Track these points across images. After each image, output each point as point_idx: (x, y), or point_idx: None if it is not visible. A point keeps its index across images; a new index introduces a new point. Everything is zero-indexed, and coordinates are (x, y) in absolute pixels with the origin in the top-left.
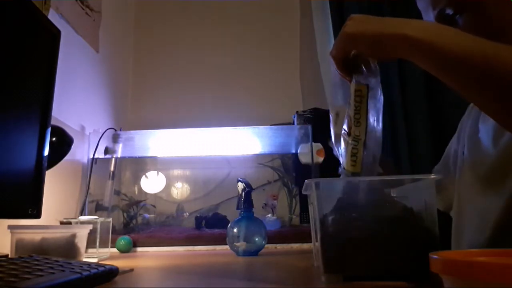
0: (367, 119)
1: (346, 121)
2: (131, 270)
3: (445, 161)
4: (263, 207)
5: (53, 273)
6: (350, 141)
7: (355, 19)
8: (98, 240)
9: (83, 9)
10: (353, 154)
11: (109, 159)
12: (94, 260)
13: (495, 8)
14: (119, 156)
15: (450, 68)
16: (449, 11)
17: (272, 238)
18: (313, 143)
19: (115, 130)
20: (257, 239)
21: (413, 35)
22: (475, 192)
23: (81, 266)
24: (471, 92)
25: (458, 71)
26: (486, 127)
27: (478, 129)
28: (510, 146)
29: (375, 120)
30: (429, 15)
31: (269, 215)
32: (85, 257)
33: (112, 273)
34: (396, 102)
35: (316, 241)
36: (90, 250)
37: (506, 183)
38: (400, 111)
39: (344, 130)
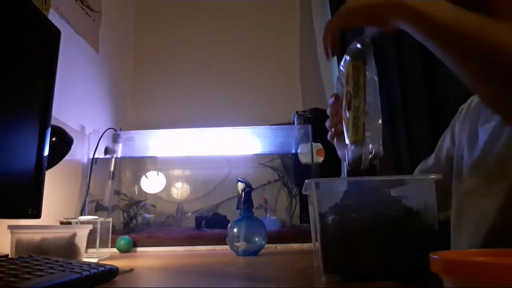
0: (365, 89)
1: (344, 104)
2: (131, 270)
3: (438, 161)
4: (257, 208)
5: (53, 273)
6: (350, 113)
7: None
8: (98, 240)
9: (83, 9)
10: (354, 124)
11: (109, 159)
12: (94, 260)
13: (503, 8)
14: (119, 156)
15: (443, 39)
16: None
17: (272, 238)
18: (313, 143)
19: (115, 130)
20: (257, 239)
21: (408, 2)
22: (476, 196)
23: (81, 266)
24: (463, 68)
25: (451, 43)
26: (485, 130)
27: (477, 133)
28: (507, 147)
29: (373, 91)
30: None
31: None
32: (85, 257)
33: (112, 273)
34: (396, 102)
35: (316, 241)
36: (90, 250)
37: (500, 185)
38: (400, 111)
39: (345, 110)
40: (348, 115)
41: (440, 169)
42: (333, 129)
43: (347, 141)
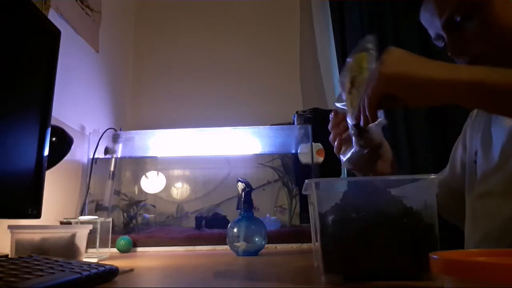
0: (368, 69)
1: (347, 88)
2: (131, 270)
3: (453, 170)
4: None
5: (53, 273)
6: (355, 89)
7: (393, 55)
8: (98, 240)
9: (83, 9)
10: (360, 96)
11: (109, 159)
12: (94, 260)
13: (501, 11)
14: (119, 156)
15: (504, 101)
16: (457, 17)
17: (272, 238)
18: (313, 143)
19: (115, 130)
20: (257, 239)
21: (464, 79)
22: (493, 199)
23: (81, 266)
24: None
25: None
26: (500, 135)
27: (491, 137)
28: None
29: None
30: (434, 25)
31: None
32: (85, 257)
33: (112, 273)
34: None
35: (316, 241)
36: (90, 250)
37: None
38: (400, 112)
39: (349, 92)
40: (352, 93)
41: (456, 178)
42: (337, 140)
43: (351, 117)
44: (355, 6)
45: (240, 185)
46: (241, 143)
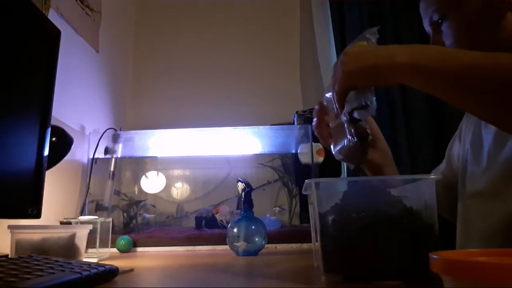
0: None
1: None
2: (131, 270)
3: (449, 166)
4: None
5: (53, 273)
6: None
7: (349, 55)
8: (98, 240)
9: (83, 9)
10: None
11: (109, 159)
12: (94, 260)
13: (474, 14)
14: (119, 156)
15: (447, 84)
16: (435, 18)
17: (272, 238)
18: (313, 143)
19: (115, 130)
20: (257, 239)
21: (400, 61)
22: (482, 200)
23: (81, 266)
24: (467, 101)
25: (451, 83)
26: (488, 135)
27: (481, 137)
28: None
29: None
30: (426, 25)
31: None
32: (85, 257)
33: (112, 273)
34: (396, 104)
35: (316, 241)
36: (90, 250)
37: (510, 190)
38: (401, 113)
39: None
40: None
41: (455, 173)
42: (322, 126)
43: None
44: (355, 6)
45: (240, 185)
46: (241, 143)
